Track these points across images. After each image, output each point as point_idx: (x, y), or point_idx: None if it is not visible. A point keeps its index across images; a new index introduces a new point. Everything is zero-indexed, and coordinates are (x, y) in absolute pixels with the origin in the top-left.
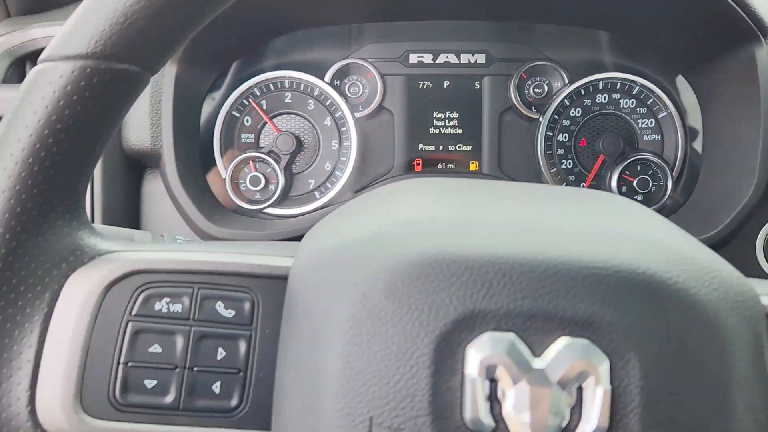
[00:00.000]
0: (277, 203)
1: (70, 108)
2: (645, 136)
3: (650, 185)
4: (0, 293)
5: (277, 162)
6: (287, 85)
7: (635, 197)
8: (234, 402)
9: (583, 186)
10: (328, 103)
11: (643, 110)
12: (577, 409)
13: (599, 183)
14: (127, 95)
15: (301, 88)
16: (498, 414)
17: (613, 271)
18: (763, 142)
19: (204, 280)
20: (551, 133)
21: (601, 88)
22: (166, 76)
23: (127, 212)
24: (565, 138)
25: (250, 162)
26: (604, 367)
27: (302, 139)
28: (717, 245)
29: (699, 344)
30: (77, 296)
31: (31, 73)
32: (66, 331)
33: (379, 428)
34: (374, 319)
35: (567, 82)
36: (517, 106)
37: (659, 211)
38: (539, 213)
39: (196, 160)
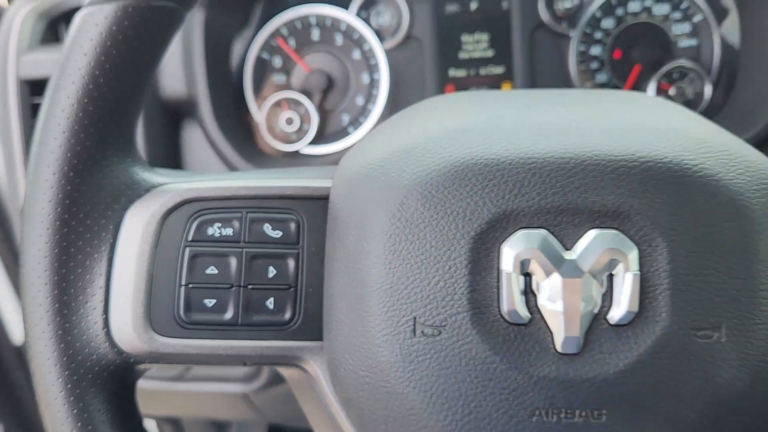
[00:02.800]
0: (313, 142)
1: (117, 47)
2: (680, 42)
3: (688, 91)
4: (69, 227)
5: (311, 100)
6: (314, 22)
7: None
8: (287, 315)
9: None
10: (356, 36)
11: (678, 15)
12: (608, 295)
13: None
14: (166, 31)
15: (329, 24)
16: (533, 306)
17: (639, 162)
18: None
19: (251, 204)
20: (584, 48)
21: None
22: (195, 20)
23: (170, 163)
24: (599, 51)
25: (284, 103)
26: (633, 254)
27: (333, 75)
28: (759, 144)
29: (724, 227)
30: (137, 226)
31: (77, 18)
32: (130, 258)
33: (422, 327)
34: (412, 226)
35: None
36: (547, 23)
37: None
38: (566, 113)
39: (231, 104)
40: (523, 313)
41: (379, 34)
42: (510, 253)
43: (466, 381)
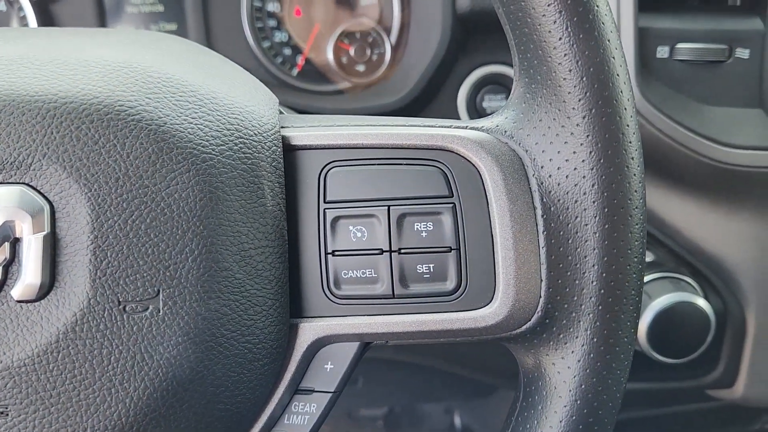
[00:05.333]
0: None
1: None
2: (363, 0)
3: (369, 53)
4: None
5: None
6: None
7: (356, 67)
8: None
9: (301, 58)
10: None
11: None
12: (15, 266)
13: (318, 55)
14: None
15: None
16: None
17: (60, 102)
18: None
19: None
20: (260, 4)
21: None
22: None
23: None
24: (276, 8)
25: None
26: (41, 214)
27: None
28: (417, 105)
29: (171, 180)
30: None
31: None
32: None
33: None
34: None
35: None
36: None
37: (379, 80)
38: (23, 49)
39: None
40: None
41: None
42: None
43: None
